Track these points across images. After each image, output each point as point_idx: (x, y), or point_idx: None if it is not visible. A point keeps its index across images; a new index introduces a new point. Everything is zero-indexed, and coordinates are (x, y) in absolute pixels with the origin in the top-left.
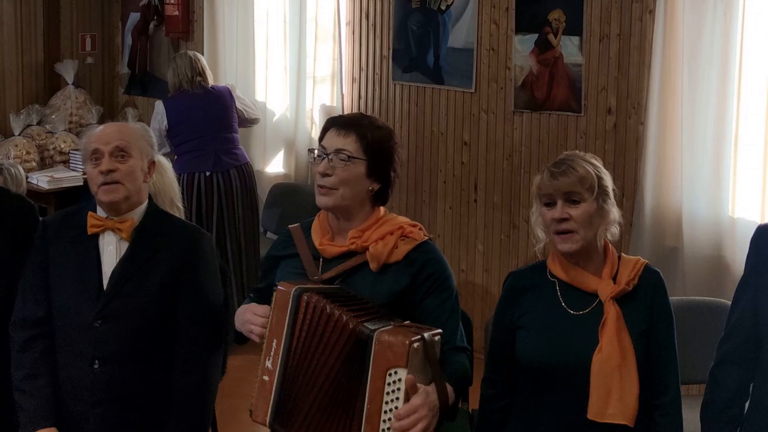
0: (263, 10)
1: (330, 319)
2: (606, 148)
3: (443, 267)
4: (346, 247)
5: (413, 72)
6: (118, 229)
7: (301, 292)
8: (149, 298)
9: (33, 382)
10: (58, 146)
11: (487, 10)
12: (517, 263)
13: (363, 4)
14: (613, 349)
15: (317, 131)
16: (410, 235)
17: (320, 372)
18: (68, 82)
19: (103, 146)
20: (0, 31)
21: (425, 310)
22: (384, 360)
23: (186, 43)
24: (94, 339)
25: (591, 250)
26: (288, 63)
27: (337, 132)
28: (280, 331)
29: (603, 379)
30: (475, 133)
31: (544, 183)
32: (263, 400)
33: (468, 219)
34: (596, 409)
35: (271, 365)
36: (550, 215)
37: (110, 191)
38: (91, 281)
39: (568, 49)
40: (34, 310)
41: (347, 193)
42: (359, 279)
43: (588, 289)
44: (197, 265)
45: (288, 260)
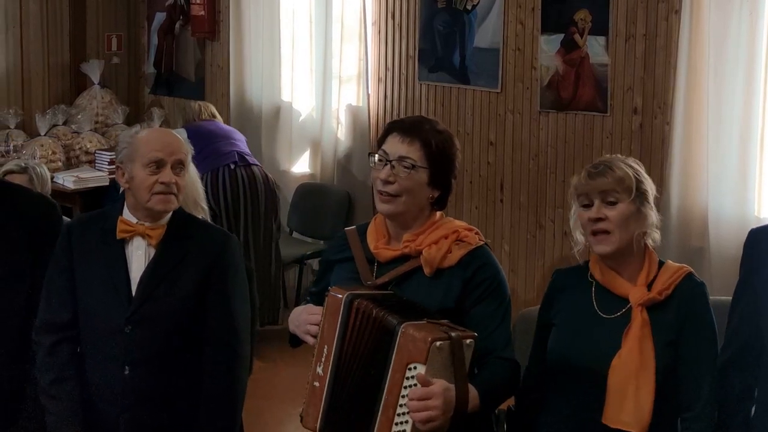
0: (289, 10)
1: (375, 322)
2: (632, 148)
3: (496, 273)
4: (400, 251)
5: (439, 72)
6: (149, 235)
7: (352, 298)
8: (179, 303)
9: (60, 386)
10: (83, 146)
11: (513, 10)
12: (543, 263)
13: (389, 4)
14: (633, 356)
15: (343, 131)
16: (465, 239)
17: (370, 377)
18: (94, 82)
19: (167, 156)
20: (26, 32)
21: (475, 316)
22: (406, 353)
23: (212, 43)
24: (124, 344)
25: (627, 254)
26: (314, 63)
27: (401, 138)
28: (331, 337)
29: (619, 384)
30: (501, 133)
31: (581, 183)
32: (314, 406)
33: (494, 219)
34: (610, 415)
35: (321, 371)
36: (587, 215)
37: (166, 201)
38: (120, 286)
39: (594, 49)
40: (60, 314)
41: (409, 201)
42: (413, 284)
43: (621, 293)
44: (226, 270)
45: (342, 264)
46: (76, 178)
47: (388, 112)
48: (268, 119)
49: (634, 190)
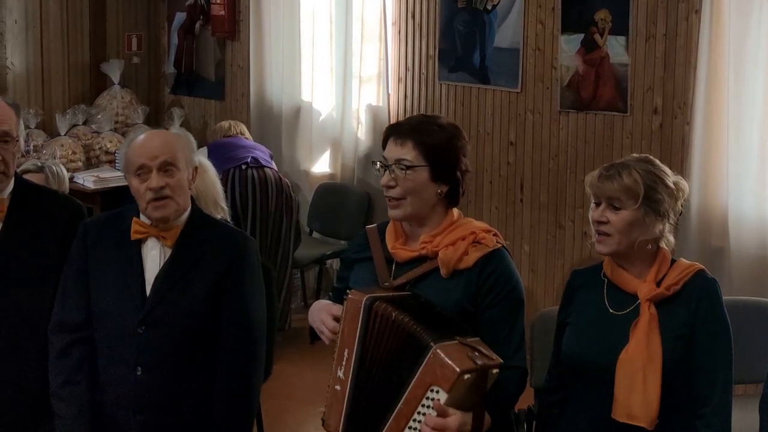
0: (309, 10)
1: (395, 325)
2: (652, 148)
3: (511, 278)
4: (417, 252)
5: (459, 72)
6: (163, 237)
7: (372, 301)
8: (193, 305)
9: (71, 389)
10: (104, 146)
11: (533, 9)
12: (563, 263)
13: (409, 4)
14: (640, 350)
15: (363, 131)
16: (483, 241)
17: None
18: (114, 81)
19: (149, 161)
20: (46, 31)
21: (487, 320)
22: (431, 374)
23: (232, 43)
24: (137, 345)
25: (632, 255)
26: (334, 63)
27: (395, 141)
28: (351, 340)
29: (627, 378)
30: (521, 133)
31: (591, 183)
32: (336, 410)
33: (514, 219)
34: (619, 409)
35: (342, 375)
36: (592, 214)
37: (162, 207)
38: (135, 287)
39: (614, 48)
40: (73, 315)
41: (415, 202)
42: (430, 284)
43: (629, 290)
44: (242, 272)
45: (362, 263)
46: (96, 178)
47: (408, 112)
48: (288, 119)
49: (641, 199)
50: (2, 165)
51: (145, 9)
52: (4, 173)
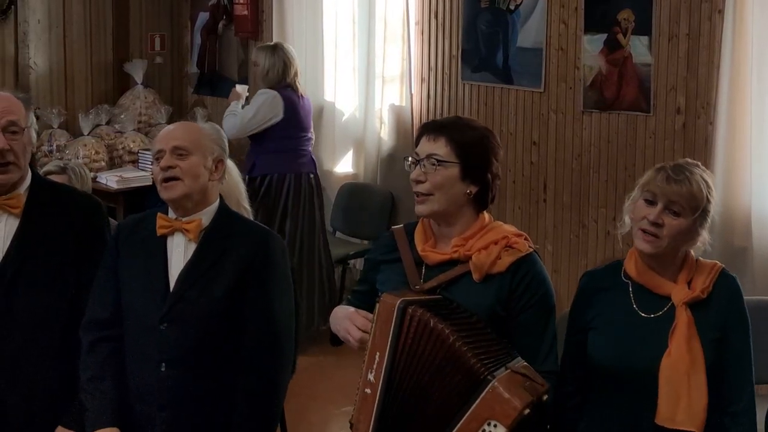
0: (332, 10)
1: (432, 333)
2: (675, 147)
3: (543, 282)
4: (449, 255)
5: (482, 72)
6: (186, 230)
7: (405, 305)
8: (216, 301)
9: (97, 384)
10: (127, 146)
11: (556, 9)
12: (587, 263)
13: (432, 4)
14: (683, 355)
15: (386, 131)
16: (515, 245)
17: (424, 389)
18: (137, 81)
19: (164, 145)
20: (69, 31)
21: (519, 325)
22: (489, 410)
23: (255, 43)
24: (160, 341)
25: (668, 259)
26: (357, 63)
27: (428, 137)
28: (383, 344)
29: (672, 384)
30: (544, 133)
31: (656, 183)
32: (365, 413)
33: (537, 219)
34: (665, 415)
35: (373, 378)
36: (645, 212)
37: (168, 188)
38: (158, 283)
39: (637, 48)
40: (101, 312)
41: (442, 198)
42: (461, 288)
43: (661, 292)
44: (266, 268)
45: (390, 265)
46: (120, 178)
47: (431, 112)
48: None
49: (699, 210)
50: (11, 155)
51: (168, 9)
52: (15, 164)
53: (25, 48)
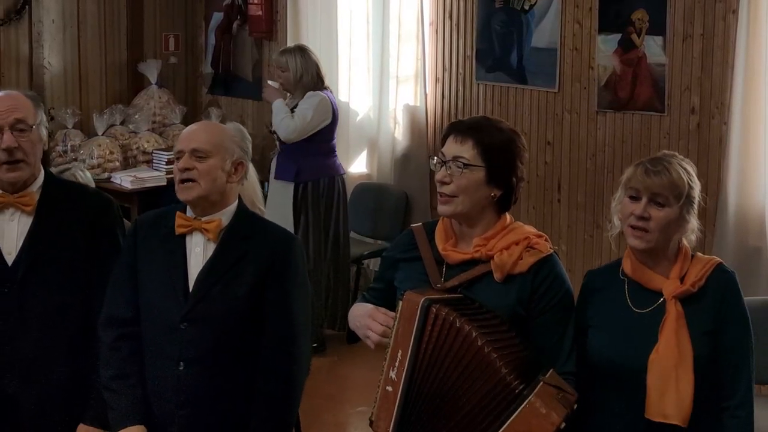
0: (346, 10)
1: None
2: (689, 147)
3: (563, 284)
4: (470, 254)
5: (497, 72)
6: (205, 229)
7: (429, 303)
8: (235, 302)
9: (122, 382)
10: (141, 146)
11: (571, 9)
12: (601, 263)
13: (446, 4)
14: (671, 349)
15: (400, 131)
16: (536, 246)
17: (450, 388)
18: (151, 81)
19: (184, 146)
20: (84, 31)
21: (540, 326)
22: (526, 424)
23: (269, 43)
24: (179, 341)
25: (661, 253)
26: (371, 63)
27: (455, 138)
28: (406, 342)
29: (659, 378)
30: (559, 133)
31: (636, 177)
32: (386, 411)
33: (551, 219)
34: (654, 409)
35: (395, 376)
36: (631, 209)
37: (185, 189)
38: (178, 283)
39: (651, 48)
40: (122, 310)
41: (466, 201)
42: (483, 288)
43: (653, 287)
44: (286, 270)
45: (409, 263)
46: (134, 178)
47: (445, 112)
48: None
49: (684, 197)
50: (20, 153)
51: (183, 9)
52: (25, 161)
53: (39, 48)
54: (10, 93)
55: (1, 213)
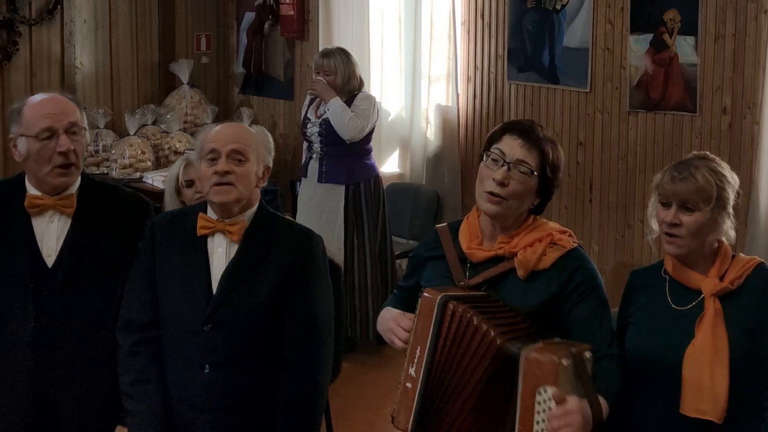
0: (378, 10)
1: (476, 332)
2: (721, 147)
3: (593, 274)
4: (494, 251)
5: (528, 72)
6: (229, 231)
7: (446, 300)
8: (259, 303)
9: (141, 387)
10: (173, 146)
11: (602, 9)
12: (632, 263)
13: (478, 4)
14: (707, 345)
15: (432, 131)
16: (559, 242)
17: (465, 383)
18: (183, 81)
19: (220, 147)
20: (115, 31)
21: (575, 319)
22: (533, 378)
23: (301, 43)
24: (203, 344)
25: (698, 254)
26: (403, 62)
27: (521, 142)
28: (424, 339)
29: (694, 373)
30: (590, 133)
31: (663, 184)
32: (406, 407)
33: (583, 219)
34: (689, 404)
35: (414, 372)
36: (663, 216)
37: (222, 192)
38: (200, 285)
39: (683, 49)
40: (141, 314)
41: (515, 206)
42: (507, 285)
43: (693, 286)
44: (308, 270)
45: (435, 262)
46: (165, 178)
47: (477, 112)
48: None
49: (714, 200)
50: (74, 156)
51: (214, 9)
52: (76, 165)
53: (71, 48)
54: (56, 96)
55: (41, 215)
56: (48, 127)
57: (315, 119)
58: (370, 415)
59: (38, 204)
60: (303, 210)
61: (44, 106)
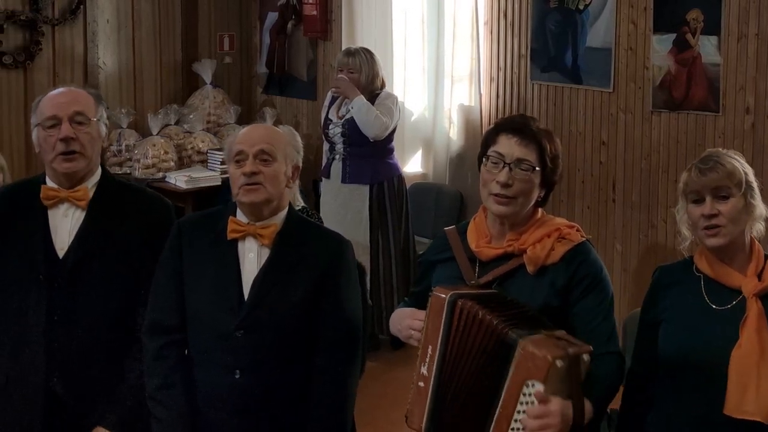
0: (401, 10)
1: (482, 325)
2: (744, 147)
3: (599, 268)
4: (503, 249)
5: (551, 71)
6: (260, 235)
7: (455, 298)
8: (291, 308)
9: (167, 392)
10: (196, 146)
11: (625, 9)
12: (656, 263)
13: (501, 4)
14: (753, 346)
15: (455, 131)
16: (567, 236)
17: (477, 379)
18: (206, 81)
19: (247, 148)
20: (138, 31)
21: (579, 311)
22: (524, 370)
23: (324, 43)
24: (234, 349)
25: (737, 247)
26: (426, 62)
27: (517, 140)
28: (434, 337)
29: (741, 375)
30: (614, 133)
31: (693, 180)
32: (419, 406)
33: (606, 219)
34: (733, 405)
35: (426, 371)
36: (699, 212)
37: (251, 192)
38: (231, 289)
39: (706, 48)
40: (167, 317)
41: (524, 202)
42: (517, 282)
43: (732, 285)
44: (339, 275)
45: (444, 264)
46: (188, 178)
47: (500, 112)
48: None
49: (744, 184)
50: (77, 144)
51: (237, 9)
52: (81, 153)
53: (94, 48)
54: (72, 88)
55: (56, 208)
56: (52, 116)
57: (337, 120)
58: (393, 413)
59: (52, 195)
60: (327, 211)
61: (55, 97)
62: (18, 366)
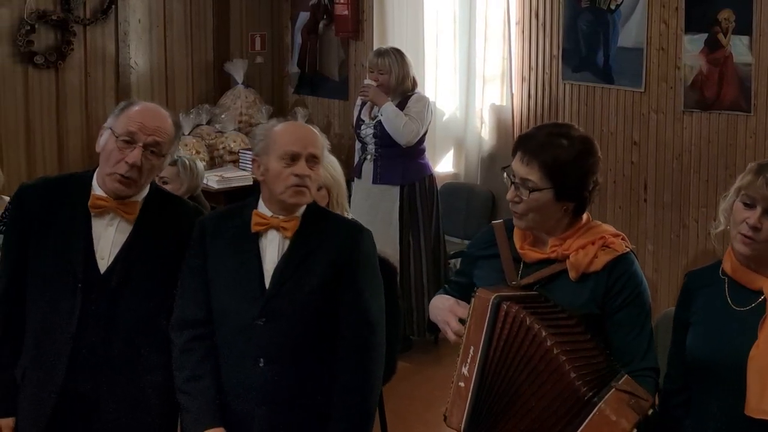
0: (433, 10)
1: (528, 332)
2: None
3: (639, 282)
4: (547, 254)
5: (583, 71)
6: (284, 227)
7: (500, 300)
8: (310, 295)
9: (196, 384)
10: (227, 146)
11: (657, 9)
12: (687, 263)
13: (532, 4)
14: None
15: (487, 131)
16: (611, 245)
17: (519, 386)
18: (238, 81)
19: (301, 150)
20: (170, 31)
21: (616, 323)
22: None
23: (355, 43)
24: (257, 338)
25: (764, 258)
26: (457, 62)
27: (522, 158)
28: (477, 338)
29: (759, 374)
30: (645, 133)
31: (755, 186)
32: (458, 407)
33: (638, 219)
34: (753, 405)
35: (467, 372)
36: (744, 216)
37: (299, 194)
38: (253, 280)
39: (737, 48)
40: (194, 312)
41: (537, 218)
42: (558, 286)
43: (754, 286)
44: (358, 264)
45: (487, 260)
46: (220, 178)
47: (531, 112)
48: None
49: None
50: (136, 172)
51: (269, 8)
52: (135, 181)
53: (125, 48)
54: (160, 111)
55: (101, 217)
56: (131, 134)
57: (369, 120)
58: (426, 414)
59: (101, 205)
60: (357, 211)
61: (144, 114)
62: (38, 363)
